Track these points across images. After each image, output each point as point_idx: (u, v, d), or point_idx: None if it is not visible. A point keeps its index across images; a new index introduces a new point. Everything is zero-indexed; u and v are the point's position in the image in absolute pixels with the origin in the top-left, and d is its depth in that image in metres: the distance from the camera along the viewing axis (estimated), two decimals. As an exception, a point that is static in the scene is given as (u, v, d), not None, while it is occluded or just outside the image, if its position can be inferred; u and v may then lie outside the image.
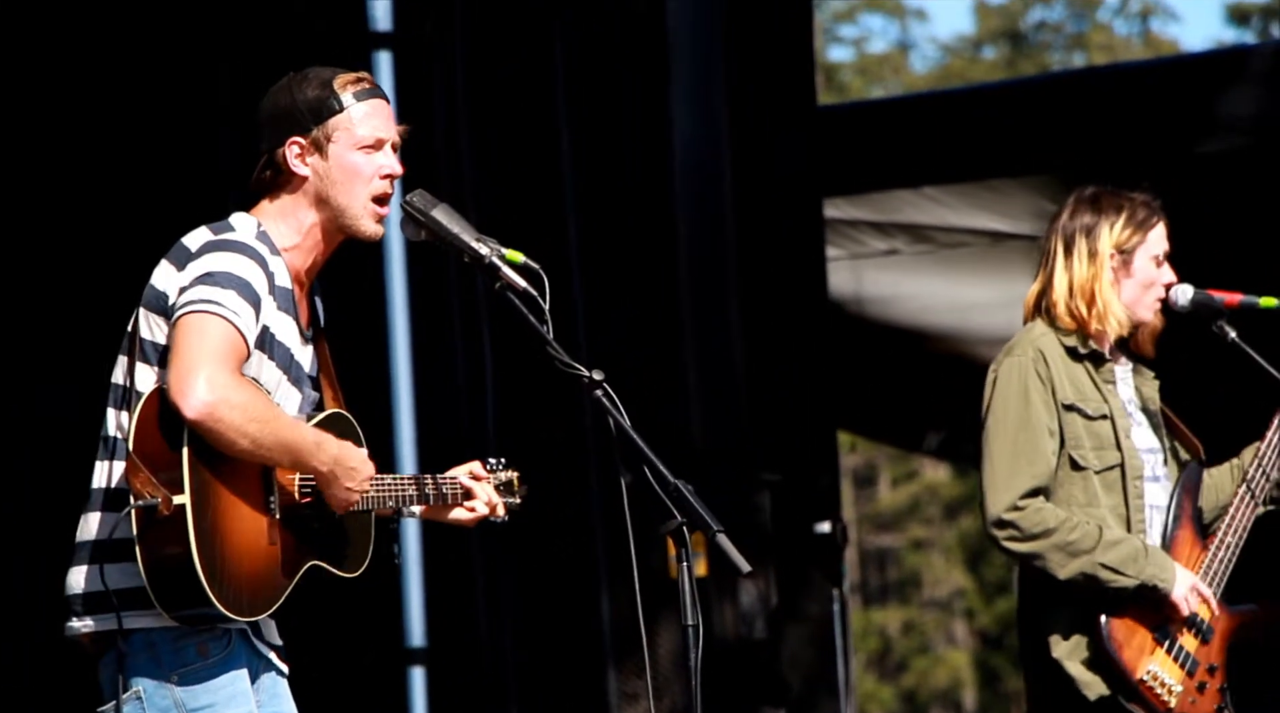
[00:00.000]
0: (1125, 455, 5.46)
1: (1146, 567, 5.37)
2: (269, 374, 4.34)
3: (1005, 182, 10.60)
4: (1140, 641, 5.38)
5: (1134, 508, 5.43)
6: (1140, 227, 5.52)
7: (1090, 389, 5.49)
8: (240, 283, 4.24)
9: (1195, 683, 5.40)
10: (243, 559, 4.19)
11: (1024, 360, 5.47)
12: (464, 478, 4.66)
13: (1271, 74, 10.14)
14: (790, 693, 9.39)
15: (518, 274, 4.41)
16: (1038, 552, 5.35)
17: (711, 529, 4.24)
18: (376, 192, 4.41)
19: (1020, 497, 5.37)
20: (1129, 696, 5.33)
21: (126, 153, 8.04)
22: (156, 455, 4.14)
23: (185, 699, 4.25)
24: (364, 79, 4.45)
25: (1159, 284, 5.54)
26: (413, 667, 8.91)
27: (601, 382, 4.35)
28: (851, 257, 11.25)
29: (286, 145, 4.39)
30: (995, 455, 5.42)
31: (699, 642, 4.23)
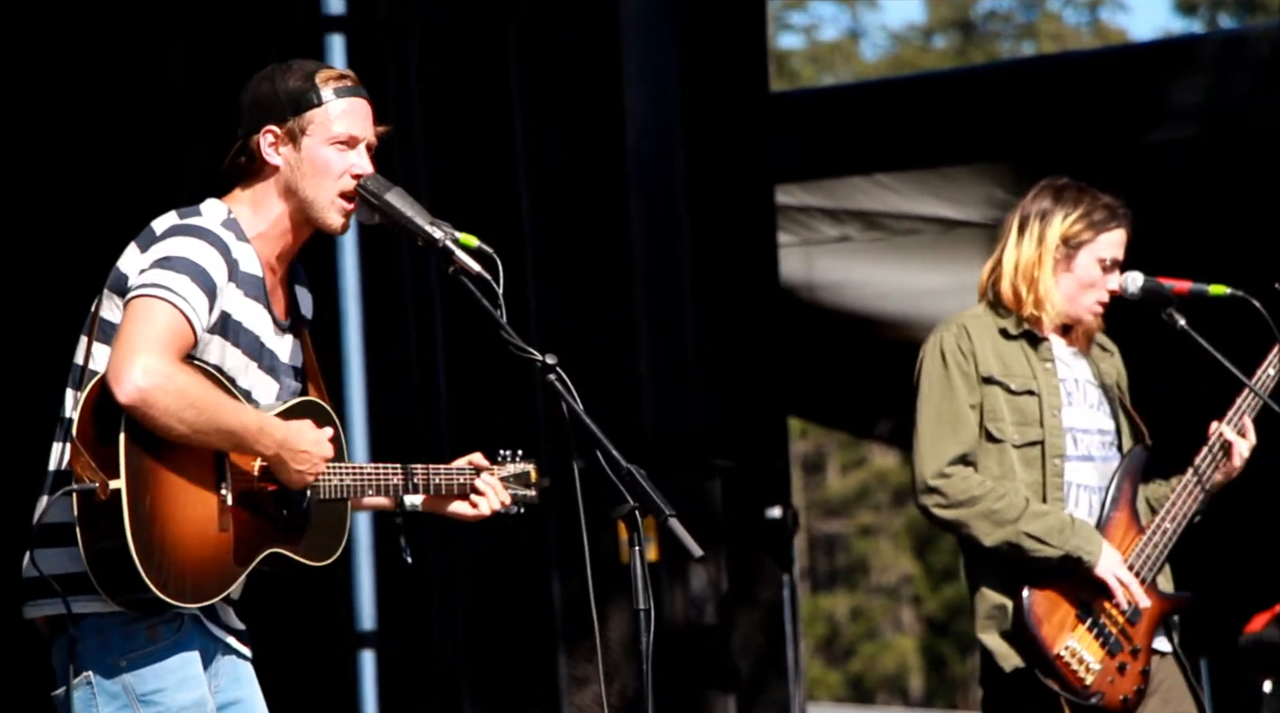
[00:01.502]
0: (1047, 433, 5.49)
1: (1071, 538, 5.39)
2: (234, 360, 4.32)
3: (956, 169, 10.62)
4: (1062, 616, 5.40)
5: (1051, 485, 5.46)
6: (1093, 226, 5.55)
7: (1021, 366, 5.52)
8: (195, 268, 4.22)
9: (1116, 663, 5.42)
10: (187, 545, 4.16)
11: (947, 335, 5.54)
12: (467, 470, 4.63)
13: (1219, 63, 10.17)
14: (740, 677, 9.41)
15: (471, 258, 4.41)
16: (963, 519, 5.39)
17: (663, 514, 4.24)
18: (344, 188, 4.41)
19: (948, 464, 5.43)
20: (1045, 670, 5.35)
21: (93, 144, 7.98)
22: (97, 440, 4.12)
23: (134, 684, 4.24)
24: (347, 77, 4.44)
25: (1100, 288, 5.57)
26: (363, 650, 8.89)
27: (554, 366, 4.35)
28: (803, 243, 11.26)
29: (262, 133, 4.39)
30: (922, 426, 5.48)
31: (650, 626, 4.23)
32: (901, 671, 35.04)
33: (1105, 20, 39.40)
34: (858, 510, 35.83)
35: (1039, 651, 5.36)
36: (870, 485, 35.72)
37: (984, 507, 5.38)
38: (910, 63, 36.20)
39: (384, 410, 8.71)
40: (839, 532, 36.15)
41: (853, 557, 36.29)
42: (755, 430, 9.69)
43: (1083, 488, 5.53)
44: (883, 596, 35.99)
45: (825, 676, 33.52)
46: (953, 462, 5.42)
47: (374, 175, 4.45)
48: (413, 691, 8.83)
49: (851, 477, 35.93)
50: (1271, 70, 9.93)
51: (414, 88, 8.77)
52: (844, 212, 11.12)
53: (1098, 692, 5.38)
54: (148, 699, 4.23)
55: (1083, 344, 5.64)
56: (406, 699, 8.84)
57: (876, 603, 35.86)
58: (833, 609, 35.32)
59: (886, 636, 35.45)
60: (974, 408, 5.46)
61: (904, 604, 35.84)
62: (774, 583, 9.55)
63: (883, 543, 35.81)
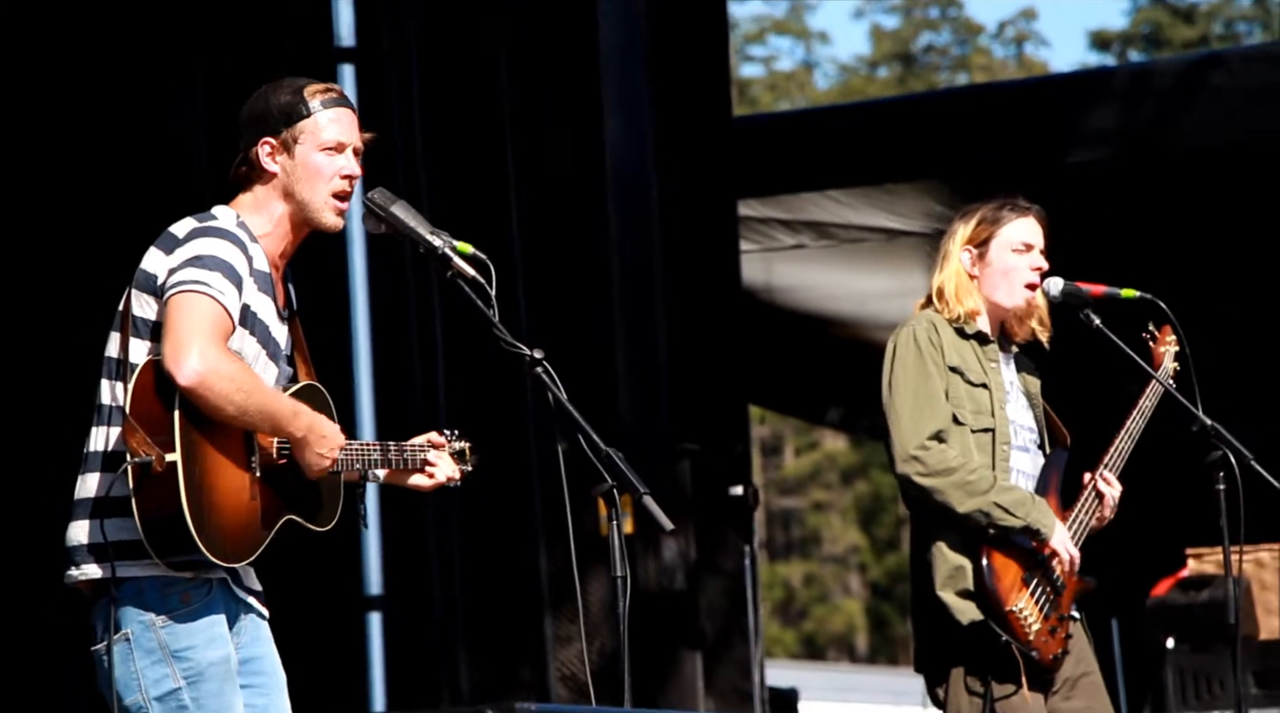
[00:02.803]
0: (998, 422, 5.49)
1: (1033, 512, 5.41)
2: (250, 348, 4.33)
3: (898, 185, 10.61)
4: (1012, 579, 5.41)
5: (1000, 469, 5.45)
6: (992, 222, 5.54)
7: (974, 362, 5.52)
8: (224, 265, 4.24)
9: (1049, 626, 5.44)
10: (226, 512, 4.18)
11: (919, 328, 5.51)
12: (425, 447, 4.64)
13: (1130, 93, 10.18)
14: (706, 637, 9.40)
15: (467, 264, 4.40)
16: (940, 487, 5.37)
17: (638, 492, 4.24)
18: (336, 189, 4.40)
19: (927, 437, 5.40)
20: (1000, 623, 5.36)
21: (113, 158, 7.94)
22: (151, 419, 4.13)
23: (169, 641, 4.23)
24: (332, 89, 4.44)
25: (1021, 270, 5.54)
26: (371, 612, 8.88)
27: (541, 360, 4.35)
28: (763, 250, 11.26)
29: (259, 144, 4.38)
30: (900, 406, 5.44)
31: (626, 592, 4.22)
32: (849, 631, 35.09)
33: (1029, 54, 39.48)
34: (810, 488, 35.87)
35: (995, 606, 5.36)
36: (822, 466, 35.75)
37: (959, 478, 5.38)
38: (857, 91, 36.24)
39: (389, 400, 8.69)
40: (794, 507, 36.18)
41: (806, 530, 36.32)
42: (719, 417, 9.69)
43: (1021, 474, 5.54)
44: (832, 564, 36.03)
45: (782, 635, 33.54)
46: (931, 436, 5.41)
47: (380, 189, 4.45)
48: (416, 649, 8.81)
49: (805, 459, 35.97)
50: (1176, 100, 9.94)
51: (416, 112, 8.76)
52: (799, 222, 11.12)
53: (1037, 647, 5.40)
54: (180, 655, 4.23)
55: (1025, 331, 5.61)
56: (410, 657, 8.84)
57: (827, 570, 35.90)
58: (788, 576, 35.34)
59: (836, 599, 35.50)
60: (944, 392, 5.45)
61: (851, 572, 35.88)
62: (736, 553, 9.54)
63: (833, 517, 35.85)
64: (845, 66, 40.47)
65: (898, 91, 35.47)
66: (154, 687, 4.22)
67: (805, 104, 36.25)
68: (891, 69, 38.79)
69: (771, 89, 38.54)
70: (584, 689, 8.58)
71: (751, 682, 9.47)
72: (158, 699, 4.22)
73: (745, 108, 31.49)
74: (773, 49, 42.03)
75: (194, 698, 4.21)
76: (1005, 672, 5.38)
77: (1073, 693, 5.52)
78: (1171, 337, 5.77)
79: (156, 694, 4.22)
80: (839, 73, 40.24)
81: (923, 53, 39.43)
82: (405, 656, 8.82)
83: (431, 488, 4.67)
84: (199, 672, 4.23)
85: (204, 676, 4.23)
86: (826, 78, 40.30)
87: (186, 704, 4.21)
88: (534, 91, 9.01)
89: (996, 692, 5.38)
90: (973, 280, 5.55)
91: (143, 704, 4.23)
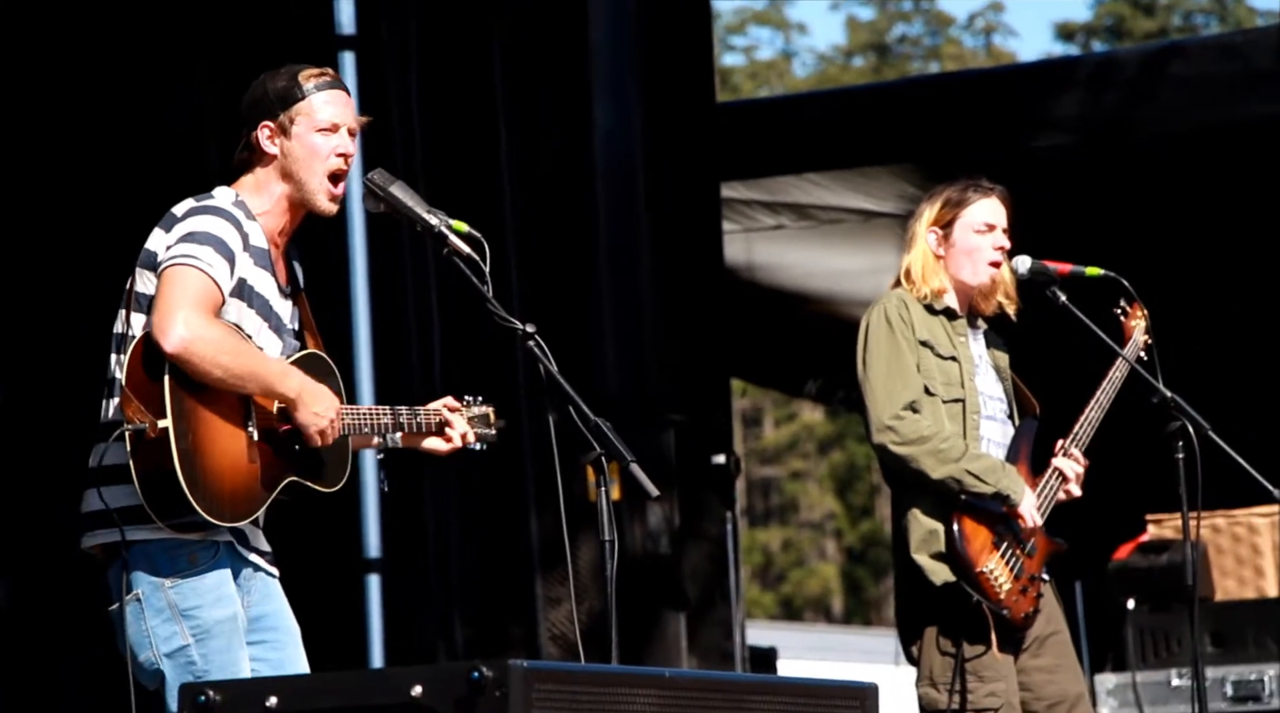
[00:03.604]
0: (968, 393, 5.49)
1: (1003, 479, 5.41)
2: (250, 321, 4.32)
3: (874, 169, 10.60)
4: (982, 542, 5.41)
5: (971, 438, 5.46)
6: (956, 204, 5.53)
7: (943, 336, 5.52)
8: (216, 240, 4.25)
9: (1019, 586, 5.44)
10: (223, 474, 4.18)
11: (889, 305, 5.50)
12: (443, 411, 4.59)
13: (1094, 82, 10.17)
14: (689, 599, 9.40)
15: (462, 242, 4.40)
16: (914, 455, 5.37)
17: (625, 460, 4.24)
18: (331, 168, 4.39)
19: (901, 408, 5.40)
20: (971, 584, 5.37)
21: (114, 158, 7.87)
22: (145, 388, 4.14)
23: (177, 600, 4.24)
24: (326, 73, 4.44)
25: (984, 249, 5.52)
26: (370, 574, 8.88)
27: (533, 334, 4.35)
28: (745, 230, 11.24)
29: (259, 128, 4.39)
30: (874, 380, 5.43)
31: (614, 555, 4.22)
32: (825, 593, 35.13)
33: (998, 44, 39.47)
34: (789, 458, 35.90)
35: (966, 568, 5.37)
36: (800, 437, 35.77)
37: (932, 446, 5.38)
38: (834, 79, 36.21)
39: (387, 373, 8.68)
40: (773, 476, 36.21)
41: (784, 497, 36.36)
42: (702, 390, 9.67)
43: (992, 443, 5.54)
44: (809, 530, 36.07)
45: (761, 597, 33.58)
46: (904, 407, 5.41)
47: (379, 170, 4.45)
48: (413, 609, 8.81)
49: (784, 429, 35.99)
50: (1138, 88, 9.93)
51: (414, 98, 8.74)
52: (779, 204, 11.11)
53: (1008, 606, 5.41)
54: (188, 614, 4.24)
55: (986, 306, 5.60)
56: (407, 616, 8.84)
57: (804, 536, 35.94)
58: (768, 541, 35.39)
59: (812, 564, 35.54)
60: (915, 365, 5.45)
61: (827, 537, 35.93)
62: (718, 519, 9.54)
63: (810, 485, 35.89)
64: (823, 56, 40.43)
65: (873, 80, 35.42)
66: (164, 644, 4.23)
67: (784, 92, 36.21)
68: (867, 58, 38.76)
69: (752, 77, 38.50)
70: (573, 648, 8.58)
71: (732, 641, 9.48)
72: (168, 656, 4.23)
73: (727, 95, 31.43)
74: (753, 39, 41.98)
75: (202, 654, 4.22)
76: (976, 632, 5.39)
77: (1041, 651, 5.53)
78: (1142, 312, 5.77)
79: (166, 651, 4.23)
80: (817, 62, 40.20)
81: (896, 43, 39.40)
82: (403, 615, 8.82)
83: (449, 452, 4.64)
84: (206, 629, 4.24)
85: (211, 633, 4.24)
86: (805, 67, 40.26)
87: (195, 660, 4.22)
88: (527, 79, 8.99)
89: (967, 652, 5.39)
90: (939, 260, 5.55)
91: (154, 661, 4.24)
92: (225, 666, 4.23)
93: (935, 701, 5.42)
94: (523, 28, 9.02)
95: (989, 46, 39.12)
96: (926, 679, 5.44)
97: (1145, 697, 7.75)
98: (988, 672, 5.38)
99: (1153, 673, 7.78)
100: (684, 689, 3.75)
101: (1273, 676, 7.59)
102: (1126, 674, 7.83)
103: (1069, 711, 5.51)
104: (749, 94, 35.32)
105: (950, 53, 38.05)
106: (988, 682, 5.38)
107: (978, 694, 5.38)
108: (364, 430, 4.46)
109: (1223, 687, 7.62)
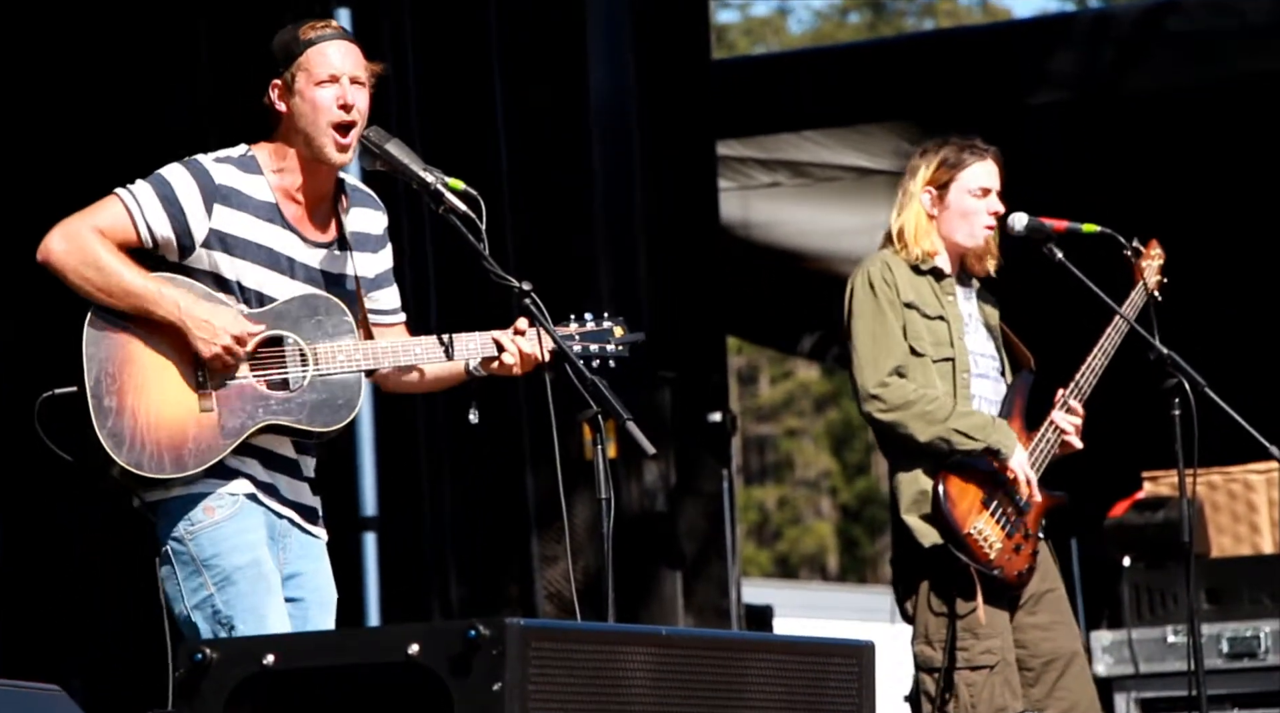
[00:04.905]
0: (957, 352, 5.49)
1: (993, 434, 5.41)
2: (232, 267, 4.32)
3: (870, 126, 10.59)
4: (970, 502, 5.41)
5: (961, 397, 5.46)
6: (952, 165, 5.52)
7: (930, 296, 5.52)
8: (162, 184, 4.30)
9: (1013, 544, 5.44)
10: (162, 428, 4.21)
11: (873, 269, 5.50)
12: (493, 335, 4.52)
13: (1089, 38, 10.16)
14: (686, 557, 9.41)
15: (458, 199, 4.39)
16: (901, 420, 5.39)
17: (622, 417, 4.24)
18: (334, 119, 4.37)
19: (886, 374, 5.41)
20: (957, 545, 5.38)
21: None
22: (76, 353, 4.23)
23: (197, 552, 4.28)
24: (326, 25, 4.42)
25: (980, 213, 5.52)
26: (366, 533, 8.88)
27: (530, 292, 4.34)
28: (740, 188, 11.23)
29: (270, 87, 4.40)
30: (860, 345, 5.45)
31: (610, 513, 4.23)
32: (820, 551, 35.18)
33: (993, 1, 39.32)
34: (785, 415, 35.90)
35: (952, 529, 5.38)
36: (795, 395, 35.76)
37: (919, 409, 5.38)
38: (830, 36, 36.08)
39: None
40: (769, 433, 36.22)
41: (780, 455, 36.37)
42: (698, 347, 9.67)
43: (984, 400, 5.54)
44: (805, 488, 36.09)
45: (757, 555, 33.62)
46: (890, 373, 5.42)
47: (375, 128, 4.44)
48: (409, 568, 8.82)
49: (779, 387, 35.98)
50: (1133, 45, 9.91)
51: (410, 54, 8.71)
52: (775, 161, 11.09)
53: (999, 566, 5.41)
54: (209, 563, 4.27)
55: (979, 268, 5.60)
56: (403, 576, 8.84)
57: (800, 494, 35.97)
58: (763, 499, 35.41)
59: (808, 521, 35.57)
60: (900, 329, 5.45)
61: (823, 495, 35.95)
62: (714, 477, 9.55)
63: (805, 443, 35.89)
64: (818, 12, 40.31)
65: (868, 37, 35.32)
66: (191, 596, 4.28)
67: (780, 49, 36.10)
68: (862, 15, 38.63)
69: (747, 34, 38.38)
70: (569, 606, 8.57)
71: (728, 599, 9.50)
72: (195, 608, 4.28)
73: (723, 52, 31.34)
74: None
75: (225, 601, 4.26)
76: (967, 591, 5.40)
77: (1037, 608, 5.54)
78: (1157, 250, 5.75)
79: (194, 603, 4.28)
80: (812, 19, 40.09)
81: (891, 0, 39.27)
82: (398, 573, 8.83)
83: (507, 371, 4.52)
84: (226, 576, 4.26)
85: (231, 579, 4.27)
86: (800, 24, 40.15)
87: (219, 608, 4.26)
88: (522, 37, 8.96)
89: (961, 609, 5.40)
90: (931, 221, 5.54)
91: (186, 613, 4.30)
92: (251, 610, 4.25)
93: (930, 658, 5.44)
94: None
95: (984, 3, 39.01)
96: (922, 637, 5.46)
97: (1141, 654, 7.76)
98: (982, 629, 5.39)
99: (1148, 630, 7.79)
100: (680, 648, 3.75)
101: (1268, 632, 7.60)
102: (1122, 631, 7.84)
103: (1065, 667, 5.52)
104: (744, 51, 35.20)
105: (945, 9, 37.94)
106: (983, 638, 5.39)
107: (973, 652, 5.39)
108: (384, 364, 4.43)
109: (1218, 643, 7.63)
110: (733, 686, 3.78)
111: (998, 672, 5.38)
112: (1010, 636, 5.47)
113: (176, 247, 4.30)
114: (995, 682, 5.37)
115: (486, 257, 4.32)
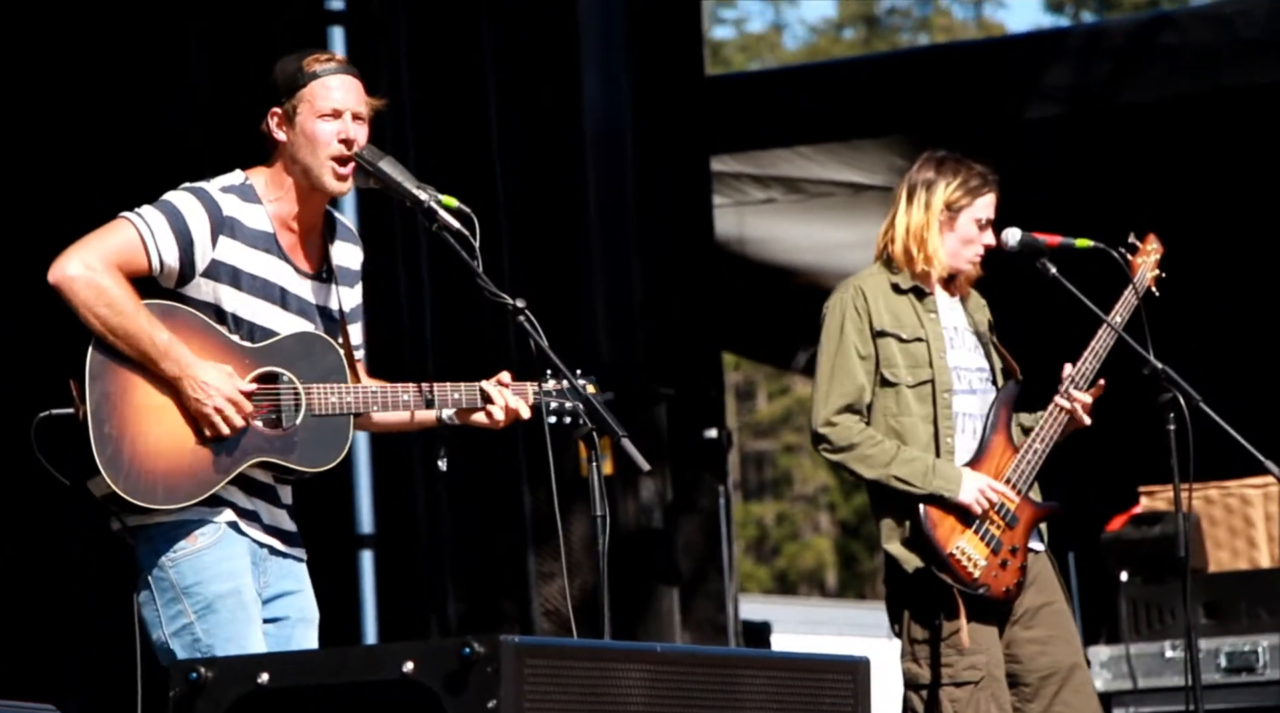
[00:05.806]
0: (936, 372, 5.51)
1: (934, 480, 5.43)
2: (232, 299, 4.32)
3: (864, 141, 10.60)
4: (952, 523, 5.44)
5: (943, 415, 5.48)
6: (971, 192, 5.56)
7: (909, 317, 5.53)
8: (173, 211, 4.28)
9: (999, 560, 5.45)
10: (157, 458, 4.20)
11: (845, 296, 5.55)
12: (483, 385, 4.51)
13: (1083, 53, 10.17)
14: (683, 574, 9.41)
15: (452, 217, 4.39)
16: (844, 461, 5.46)
17: (617, 434, 4.24)
18: (334, 153, 4.39)
19: (835, 413, 5.48)
20: (940, 566, 5.39)
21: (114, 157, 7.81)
22: (78, 375, 4.21)
23: (178, 579, 4.27)
24: (332, 58, 4.42)
25: (977, 243, 5.58)
26: (363, 550, 8.88)
27: (524, 309, 4.35)
28: (735, 204, 11.23)
29: (269, 116, 4.41)
30: (819, 378, 5.55)
31: (606, 530, 4.23)
32: (819, 567, 35.15)
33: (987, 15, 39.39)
34: (782, 431, 35.88)
35: (934, 551, 5.40)
36: (793, 410, 35.74)
37: (860, 452, 5.45)
38: (824, 51, 36.12)
39: (378, 347, 8.62)
40: (766, 449, 36.20)
41: (778, 470, 36.35)
42: (694, 363, 9.67)
43: (968, 416, 5.56)
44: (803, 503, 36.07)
45: (755, 571, 33.59)
46: (839, 411, 5.47)
47: (369, 146, 4.43)
48: (405, 585, 8.82)
49: (777, 403, 35.97)
50: (1127, 58, 9.93)
51: (404, 72, 8.72)
52: (769, 177, 11.10)
53: (984, 584, 5.42)
54: (190, 591, 4.26)
55: (964, 291, 5.66)
56: (400, 593, 8.84)
57: (798, 510, 35.94)
58: (761, 515, 35.39)
59: (806, 537, 35.55)
60: (865, 360, 5.49)
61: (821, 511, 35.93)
62: (711, 493, 9.54)
63: (803, 459, 35.86)
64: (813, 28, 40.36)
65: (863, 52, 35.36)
66: (170, 624, 4.27)
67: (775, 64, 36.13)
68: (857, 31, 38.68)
69: (743, 50, 38.42)
70: (566, 623, 8.57)
71: (726, 615, 9.49)
72: (174, 635, 4.27)
73: (718, 68, 31.36)
74: (743, 11, 41.95)
75: (205, 630, 4.25)
76: (952, 611, 5.42)
77: (1033, 622, 5.54)
78: (1154, 244, 5.77)
79: (172, 631, 4.27)
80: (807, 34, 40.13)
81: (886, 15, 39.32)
82: (395, 591, 8.82)
83: (495, 425, 4.52)
84: (207, 604, 4.26)
85: (212, 608, 4.26)
86: (795, 39, 40.20)
87: (199, 637, 4.25)
88: (516, 54, 8.97)
89: (945, 628, 5.42)
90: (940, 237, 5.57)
91: (164, 641, 4.28)
92: (231, 639, 4.24)
93: (917, 675, 5.47)
94: (512, 2, 9.00)
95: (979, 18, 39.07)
96: (909, 655, 5.50)
97: (1139, 669, 7.76)
98: (966, 647, 5.40)
99: (1146, 645, 7.79)
100: (677, 664, 3.75)
101: (1266, 647, 7.60)
102: (1120, 646, 7.84)
103: (1064, 681, 5.52)
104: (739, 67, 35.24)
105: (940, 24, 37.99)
106: (967, 655, 5.41)
107: (957, 668, 5.41)
108: (373, 409, 4.43)
109: (1216, 658, 7.63)
110: (728, 702, 3.79)
111: (983, 687, 5.39)
112: (999, 651, 5.47)
113: (177, 275, 4.30)
114: (980, 697, 5.39)
115: (481, 274, 4.32)
